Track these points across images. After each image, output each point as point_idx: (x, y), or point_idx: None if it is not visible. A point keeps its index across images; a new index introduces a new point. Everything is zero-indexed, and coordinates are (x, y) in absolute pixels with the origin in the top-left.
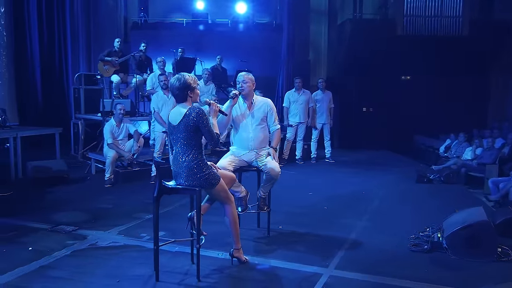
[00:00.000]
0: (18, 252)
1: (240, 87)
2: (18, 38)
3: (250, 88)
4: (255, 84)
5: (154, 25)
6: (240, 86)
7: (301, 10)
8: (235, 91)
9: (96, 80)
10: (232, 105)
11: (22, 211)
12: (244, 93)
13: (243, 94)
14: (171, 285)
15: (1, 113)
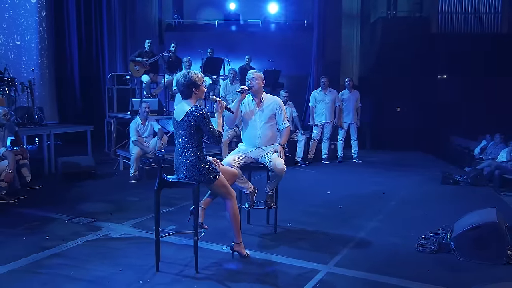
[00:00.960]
0: (36, 240)
1: (250, 84)
2: (58, 41)
3: (259, 85)
4: (264, 81)
5: (187, 27)
6: (250, 83)
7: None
8: (243, 86)
9: (125, 80)
10: (240, 100)
11: (48, 203)
12: (253, 90)
13: (252, 91)
14: (169, 275)
15: (37, 112)
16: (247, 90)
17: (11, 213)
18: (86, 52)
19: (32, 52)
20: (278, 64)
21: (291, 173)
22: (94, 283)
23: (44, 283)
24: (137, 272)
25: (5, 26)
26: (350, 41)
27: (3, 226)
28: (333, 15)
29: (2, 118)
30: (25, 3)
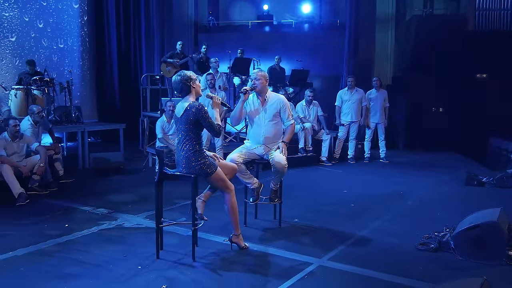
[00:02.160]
0: (55, 228)
1: (253, 84)
2: (99, 44)
3: (262, 84)
4: (268, 81)
5: (221, 28)
6: (253, 83)
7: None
8: (246, 87)
9: (155, 80)
10: (243, 100)
11: (75, 195)
12: (257, 89)
13: (255, 90)
14: (167, 262)
15: (75, 110)
16: (250, 90)
17: (40, 203)
18: (124, 54)
19: (74, 54)
20: (311, 64)
21: (313, 172)
22: (98, 267)
23: (53, 265)
24: (139, 258)
25: (50, 30)
26: (384, 40)
27: (31, 214)
28: (366, 14)
29: (36, 115)
30: (68, 8)
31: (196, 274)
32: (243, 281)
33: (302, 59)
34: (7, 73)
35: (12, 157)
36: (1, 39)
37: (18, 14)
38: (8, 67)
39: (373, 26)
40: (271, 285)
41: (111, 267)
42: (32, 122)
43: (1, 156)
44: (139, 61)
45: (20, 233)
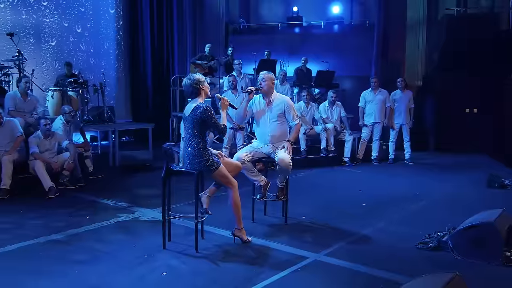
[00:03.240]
0: (78, 219)
1: (259, 85)
2: (133, 47)
3: (268, 86)
4: (274, 82)
5: (251, 30)
6: (259, 84)
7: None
8: (250, 87)
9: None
10: (248, 100)
11: (101, 190)
12: (263, 90)
13: (261, 91)
14: (171, 253)
15: (107, 111)
16: (255, 90)
17: (68, 196)
18: (158, 56)
19: (110, 57)
20: (339, 65)
21: (333, 172)
22: (107, 254)
23: (68, 251)
24: (146, 248)
25: (87, 34)
26: (414, 39)
27: (58, 206)
28: (396, 13)
29: (67, 115)
30: (105, 13)
31: (196, 263)
32: (238, 271)
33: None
34: (48, 75)
35: (45, 153)
36: (42, 44)
37: (58, 20)
38: (48, 70)
39: (403, 26)
40: (264, 276)
41: (120, 255)
42: (64, 121)
43: (34, 152)
44: (172, 63)
45: (45, 223)
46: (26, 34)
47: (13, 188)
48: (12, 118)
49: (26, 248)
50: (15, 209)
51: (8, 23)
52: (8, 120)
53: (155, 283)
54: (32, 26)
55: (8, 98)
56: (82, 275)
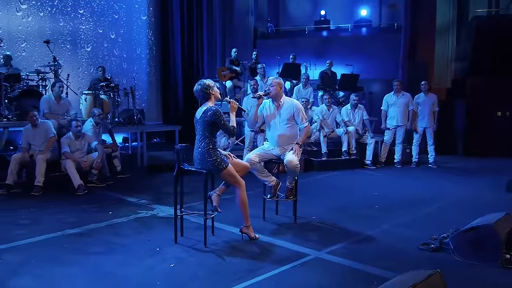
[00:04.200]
0: (101, 215)
1: (268, 90)
2: (164, 52)
3: (277, 91)
4: (282, 87)
5: (279, 34)
6: (268, 89)
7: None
8: (259, 93)
9: None
10: (258, 104)
11: (126, 189)
12: (271, 95)
13: (270, 96)
14: (182, 247)
15: (137, 113)
16: (263, 95)
17: (95, 194)
18: (188, 60)
19: (142, 62)
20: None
21: (353, 175)
22: (124, 247)
23: (87, 243)
24: (159, 242)
25: (121, 40)
26: (444, 42)
27: (85, 203)
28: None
29: (97, 117)
30: (137, 20)
31: (202, 257)
32: (241, 265)
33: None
34: (83, 79)
35: (75, 153)
36: (78, 49)
37: (93, 26)
38: (84, 74)
39: (433, 28)
40: (265, 269)
41: (134, 247)
42: (94, 123)
43: (66, 152)
44: (201, 67)
45: (71, 217)
46: (64, 40)
47: (46, 185)
48: (46, 120)
49: (52, 239)
50: (47, 204)
51: (47, 31)
52: (42, 122)
53: (162, 273)
54: (69, 33)
55: (43, 101)
56: (98, 264)
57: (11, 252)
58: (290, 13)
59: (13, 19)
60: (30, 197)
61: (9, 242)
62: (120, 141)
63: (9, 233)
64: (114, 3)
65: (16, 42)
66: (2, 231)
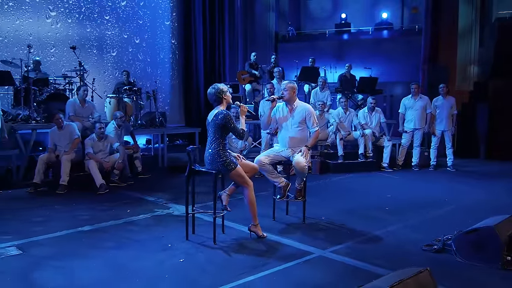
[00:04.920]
0: (119, 212)
1: (282, 94)
2: (187, 56)
3: (290, 95)
4: (296, 91)
5: (300, 37)
6: (282, 93)
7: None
8: (273, 96)
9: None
10: (271, 107)
11: (146, 188)
12: (285, 99)
13: (283, 100)
14: (192, 243)
15: (159, 116)
16: (277, 98)
17: (116, 193)
18: (210, 64)
19: (165, 66)
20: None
21: (369, 177)
22: (138, 242)
23: (103, 239)
24: (172, 239)
25: (145, 45)
26: (466, 44)
27: (105, 201)
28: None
29: (119, 120)
30: (161, 25)
31: (211, 253)
32: (247, 261)
33: (379, 65)
34: (109, 83)
35: (98, 154)
36: (104, 54)
37: (119, 32)
38: (109, 78)
39: (455, 30)
40: (269, 266)
41: (147, 243)
42: (116, 125)
43: (89, 153)
44: (223, 71)
45: (92, 214)
46: (90, 46)
47: (70, 184)
48: (71, 122)
49: (73, 235)
50: (70, 202)
51: (75, 37)
52: (67, 124)
53: (171, 267)
54: (95, 38)
55: (68, 104)
56: (113, 258)
57: (35, 246)
58: (311, 17)
59: (43, 25)
60: (55, 195)
61: (33, 236)
62: (143, 143)
63: (34, 228)
64: (138, 9)
65: (45, 48)
66: (28, 226)
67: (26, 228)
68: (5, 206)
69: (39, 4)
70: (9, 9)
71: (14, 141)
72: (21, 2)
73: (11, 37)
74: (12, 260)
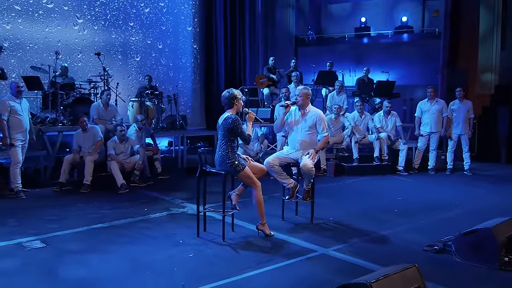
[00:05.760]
0: (136, 210)
1: (296, 100)
2: (208, 60)
3: (303, 100)
4: (309, 97)
5: (320, 41)
6: (296, 99)
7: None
8: (287, 102)
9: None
10: (285, 113)
11: (164, 188)
12: (298, 104)
13: (297, 105)
14: (202, 240)
15: (179, 119)
16: (291, 104)
17: (136, 192)
18: (230, 69)
19: (187, 70)
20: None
21: (383, 180)
22: (152, 238)
23: (123, 235)
24: (184, 236)
25: (167, 50)
26: (487, 47)
27: (125, 200)
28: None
29: (139, 123)
30: (183, 31)
31: (219, 249)
32: (252, 257)
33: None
34: (132, 87)
35: (119, 155)
36: (128, 59)
37: (142, 37)
38: (133, 83)
39: (475, 33)
40: (272, 262)
41: (160, 239)
42: (137, 128)
43: (111, 154)
44: (243, 75)
45: (112, 212)
46: (115, 51)
47: (93, 184)
48: (94, 125)
49: (93, 230)
50: (92, 200)
51: (100, 43)
52: (91, 127)
53: (181, 261)
54: (120, 44)
55: (92, 108)
56: (128, 252)
57: (58, 240)
58: (331, 21)
59: (71, 32)
60: (79, 194)
61: (57, 231)
62: (165, 145)
63: (58, 223)
64: (161, 16)
65: (73, 54)
66: (52, 222)
67: (51, 223)
68: (33, 203)
69: (67, 12)
70: (39, 17)
71: (42, 143)
72: (50, 11)
73: (41, 44)
74: (37, 253)
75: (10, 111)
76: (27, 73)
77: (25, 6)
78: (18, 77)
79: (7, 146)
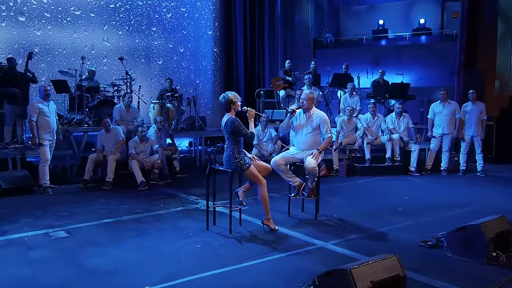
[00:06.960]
0: (151, 206)
1: (301, 103)
2: (228, 63)
3: (309, 104)
4: (314, 101)
5: (338, 44)
6: (301, 102)
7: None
8: (293, 106)
9: (259, 94)
10: (290, 117)
11: (181, 186)
12: (304, 107)
13: (303, 108)
14: (211, 233)
15: (198, 120)
16: (296, 109)
17: (154, 189)
18: (249, 72)
19: (207, 73)
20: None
21: (393, 181)
22: (165, 231)
23: (138, 228)
24: (194, 229)
25: (188, 54)
26: (506, 49)
27: (144, 196)
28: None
29: (159, 124)
30: (204, 35)
31: (225, 241)
32: (254, 249)
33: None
34: (155, 89)
35: (140, 155)
36: (151, 63)
37: (164, 42)
38: (155, 85)
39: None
40: (273, 253)
41: (172, 232)
42: (156, 129)
43: (132, 153)
44: (262, 78)
45: (131, 207)
46: (139, 55)
47: (115, 181)
48: (117, 126)
49: (112, 223)
50: (113, 197)
51: (124, 47)
52: (114, 128)
53: (189, 251)
54: (143, 48)
55: (115, 110)
56: (141, 243)
57: (80, 231)
58: (349, 24)
59: (97, 37)
60: (102, 190)
61: (80, 223)
62: (186, 145)
63: (81, 216)
64: (183, 20)
65: (98, 58)
66: (76, 215)
67: (74, 216)
68: (60, 198)
69: (93, 19)
70: (67, 24)
71: (68, 142)
72: (78, 17)
73: (69, 49)
74: (61, 241)
75: (38, 113)
76: (55, 77)
77: (54, 14)
78: (47, 80)
79: (36, 145)
